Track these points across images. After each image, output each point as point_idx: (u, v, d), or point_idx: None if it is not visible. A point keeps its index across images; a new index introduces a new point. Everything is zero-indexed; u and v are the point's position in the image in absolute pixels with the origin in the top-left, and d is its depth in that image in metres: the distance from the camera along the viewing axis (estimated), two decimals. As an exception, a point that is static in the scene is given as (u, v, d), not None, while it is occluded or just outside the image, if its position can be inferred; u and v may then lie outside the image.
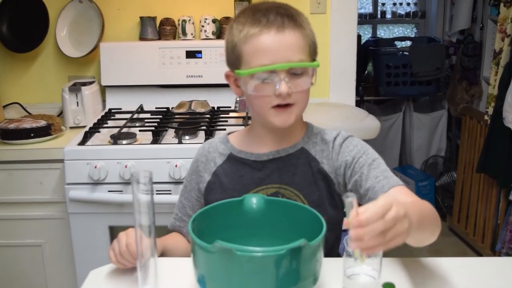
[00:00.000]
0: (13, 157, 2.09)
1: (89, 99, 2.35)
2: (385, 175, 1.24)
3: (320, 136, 1.32)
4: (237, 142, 1.34)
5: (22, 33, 2.49)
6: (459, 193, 3.35)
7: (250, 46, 1.18)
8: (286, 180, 1.27)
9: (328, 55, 2.54)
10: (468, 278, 1.17)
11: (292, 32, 1.18)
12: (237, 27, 1.22)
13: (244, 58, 1.20)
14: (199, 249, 0.95)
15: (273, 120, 1.21)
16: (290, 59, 1.16)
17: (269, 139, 1.29)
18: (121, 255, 1.14)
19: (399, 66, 3.62)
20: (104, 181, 1.99)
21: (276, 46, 1.17)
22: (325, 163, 1.29)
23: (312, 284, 0.98)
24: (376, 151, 1.32)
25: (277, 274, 0.91)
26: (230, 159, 1.31)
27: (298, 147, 1.30)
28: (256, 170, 1.28)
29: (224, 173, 1.30)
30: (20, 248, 2.18)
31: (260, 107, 1.21)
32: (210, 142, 1.38)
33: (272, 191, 1.27)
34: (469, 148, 3.24)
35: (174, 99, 2.45)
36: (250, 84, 1.20)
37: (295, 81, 1.18)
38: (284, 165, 1.28)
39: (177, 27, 2.50)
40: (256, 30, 1.18)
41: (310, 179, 1.28)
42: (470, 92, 3.37)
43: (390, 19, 4.46)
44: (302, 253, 0.92)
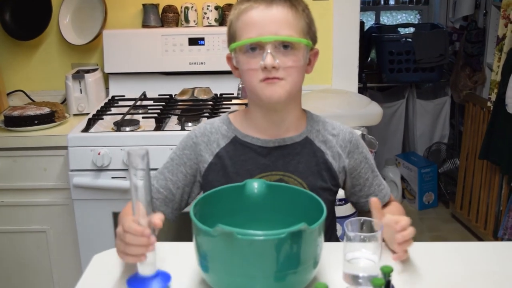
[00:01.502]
0: (17, 144, 2.11)
1: (92, 87, 2.35)
2: (383, 183, 1.40)
3: (322, 125, 1.34)
4: (240, 124, 1.33)
5: (25, 21, 2.49)
6: (461, 180, 3.36)
7: (241, 21, 1.22)
8: (291, 168, 1.29)
9: (331, 42, 2.54)
10: (467, 262, 1.18)
11: (281, 8, 1.20)
12: (234, 7, 1.26)
13: (237, 33, 1.23)
14: (200, 233, 0.97)
15: (261, 94, 1.21)
16: (276, 32, 1.18)
17: (266, 124, 1.29)
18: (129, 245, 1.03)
19: (402, 53, 3.61)
20: (108, 167, 2.01)
21: (263, 20, 1.19)
22: (329, 155, 1.31)
23: (312, 268, 0.99)
24: (379, 138, 1.39)
25: (278, 258, 0.92)
26: (234, 142, 1.31)
27: (303, 136, 1.31)
28: (261, 156, 1.29)
29: (227, 156, 1.30)
30: (25, 234, 2.20)
31: (249, 81, 1.22)
32: (211, 122, 1.37)
33: (276, 178, 1.28)
34: (472, 135, 3.24)
35: (177, 86, 2.46)
36: (240, 58, 1.23)
37: (284, 56, 1.19)
38: (289, 153, 1.29)
39: (179, 14, 2.50)
40: (247, 5, 1.22)
41: (314, 168, 1.30)
42: (473, 79, 3.36)
43: (394, 6, 4.45)
44: (303, 236, 0.93)
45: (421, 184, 3.59)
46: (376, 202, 1.15)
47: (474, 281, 1.09)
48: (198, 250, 1.00)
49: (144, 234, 0.99)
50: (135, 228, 0.99)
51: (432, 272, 1.13)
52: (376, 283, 0.83)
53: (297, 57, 1.21)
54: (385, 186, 1.40)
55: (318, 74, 2.56)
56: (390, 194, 1.42)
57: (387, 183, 3.51)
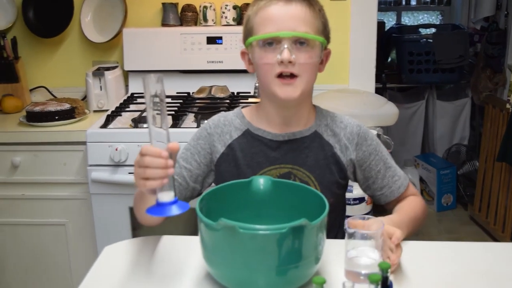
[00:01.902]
0: (38, 139, 2.16)
1: (112, 84, 2.40)
2: (398, 174, 1.38)
3: (330, 119, 1.37)
4: (252, 118, 1.36)
5: (48, 19, 2.56)
6: (480, 182, 3.34)
7: (260, 17, 1.25)
8: (299, 161, 1.32)
9: (348, 42, 2.55)
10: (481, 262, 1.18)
11: (299, 5, 1.23)
12: (253, 3, 1.29)
13: (254, 29, 1.26)
14: (204, 227, 1.00)
15: (277, 91, 1.24)
16: (294, 29, 1.21)
17: (278, 119, 1.32)
18: (149, 168, 1.02)
19: (422, 54, 3.60)
20: (125, 163, 2.05)
21: (282, 16, 1.22)
22: (337, 148, 1.34)
23: (314, 263, 1.01)
24: (398, 139, 1.40)
25: (279, 252, 0.95)
26: (246, 135, 1.34)
27: (312, 130, 1.34)
28: (270, 149, 1.32)
29: (239, 148, 1.33)
30: (45, 226, 2.25)
31: (265, 75, 1.25)
32: (224, 115, 1.40)
33: (285, 171, 1.31)
34: (491, 137, 3.22)
35: (194, 84, 2.49)
36: (256, 53, 1.25)
37: (299, 52, 1.22)
38: (298, 147, 1.32)
39: (198, 13, 2.54)
40: (266, 1, 1.25)
41: (323, 162, 1.32)
42: (493, 80, 3.34)
43: (415, 6, 4.43)
44: (304, 232, 0.95)
45: (440, 185, 3.58)
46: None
47: (472, 280, 1.10)
48: (202, 244, 1.03)
49: (162, 155, 1.00)
50: (153, 149, 1.00)
51: (430, 270, 1.14)
52: (373, 279, 0.85)
53: (312, 54, 1.24)
54: (400, 178, 1.38)
55: (335, 74, 2.57)
56: (409, 186, 1.40)
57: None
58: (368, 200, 2.40)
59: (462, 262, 1.18)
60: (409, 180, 1.41)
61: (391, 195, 1.37)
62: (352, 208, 2.38)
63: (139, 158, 1.02)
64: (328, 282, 0.96)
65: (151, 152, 1.00)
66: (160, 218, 1.24)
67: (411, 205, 1.35)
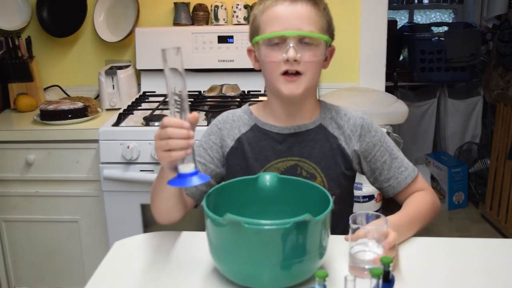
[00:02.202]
0: (52, 136, 2.19)
1: (124, 82, 2.43)
2: (405, 165, 1.39)
3: (335, 112, 1.40)
4: (259, 114, 1.41)
5: (61, 18, 2.59)
6: (492, 180, 3.33)
7: (266, 16, 1.28)
8: (305, 153, 1.35)
9: (359, 40, 2.56)
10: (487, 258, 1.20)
11: (305, 5, 1.27)
12: (259, 2, 1.32)
13: (261, 27, 1.29)
14: (211, 222, 1.02)
15: (282, 88, 1.28)
16: (300, 28, 1.25)
17: (284, 113, 1.36)
18: (171, 139, 1.04)
19: (434, 52, 3.60)
20: (137, 160, 2.08)
21: (287, 15, 1.25)
22: (342, 140, 1.37)
23: (318, 258, 1.03)
24: (410, 137, 1.41)
25: (284, 247, 0.97)
26: (254, 130, 1.38)
27: (317, 123, 1.37)
28: (277, 143, 1.36)
29: (247, 142, 1.37)
30: (58, 223, 2.29)
31: (270, 73, 1.29)
32: (232, 112, 1.45)
33: (292, 163, 1.35)
34: (503, 135, 3.21)
35: (205, 82, 2.52)
36: (263, 50, 1.29)
37: (304, 51, 1.26)
38: (304, 139, 1.36)
39: (209, 13, 2.56)
40: (272, 1, 1.28)
41: (328, 153, 1.36)
42: (505, 79, 3.34)
43: (427, 4, 4.42)
44: (308, 227, 0.97)
45: (451, 183, 3.57)
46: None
47: (475, 276, 1.12)
48: (209, 239, 1.05)
49: (184, 126, 1.03)
50: (174, 120, 1.03)
51: (432, 265, 1.16)
52: (375, 273, 0.87)
53: (316, 52, 1.28)
54: (407, 168, 1.39)
55: (345, 72, 2.59)
56: (418, 178, 1.41)
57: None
58: (377, 198, 2.41)
59: (466, 258, 1.19)
60: (418, 173, 1.41)
61: (398, 186, 1.38)
62: (361, 206, 2.39)
63: (161, 131, 1.05)
64: (332, 276, 0.99)
65: (173, 123, 1.03)
66: (179, 215, 1.28)
67: (416, 202, 1.36)
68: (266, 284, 1.02)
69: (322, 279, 0.86)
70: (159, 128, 1.07)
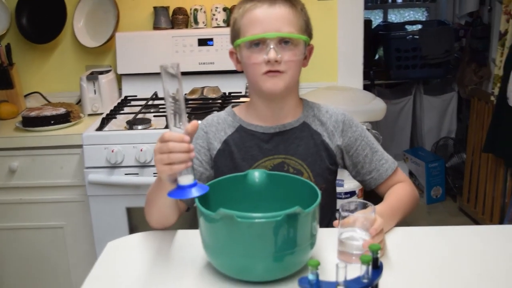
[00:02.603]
0: (35, 143, 2.20)
1: (105, 87, 2.45)
2: (385, 158, 1.45)
3: (317, 110, 1.46)
4: (243, 115, 1.45)
5: (41, 25, 2.60)
6: (468, 174, 3.41)
7: (246, 19, 1.33)
8: (291, 151, 1.40)
9: (336, 40, 2.61)
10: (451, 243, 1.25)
11: (283, 7, 1.31)
12: (238, 6, 1.37)
13: (241, 30, 1.34)
14: (204, 218, 1.05)
15: (264, 85, 1.33)
16: (279, 29, 1.30)
17: (268, 112, 1.40)
18: (173, 153, 1.07)
19: (409, 50, 3.68)
20: (121, 164, 2.10)
21: (267, 18, 1.30)
22: (326, 136, 1.42)
23: (308, 249, 1.07)
24: (387, 134, 1.47)
25: (276, 239, 1.00)
26: (239, 131, 1.42)
27: (300, 121, 1.42)
28: (263, 142, 1.40)
29: (233, 143, 1.41)
30: (43, 230, 2.29)
31: (253, 74, 1.33)
32: (217, 115, 1.49)
33: (279, 161, 1.39)
34: (478, 129, 3.29)
35: (187, 85, 2.54)
36: (244, 53, 1.33)
37: (285, 51, 1.31)
38: (289, 137, 1.40)
39: (189, 16, 2.59)
40: (251, 4, 1.33)
41: (313, 150, 1.41)
42: (479, 74, 3.42)
43: (401, 3, 4.50)
44: (298, 219, 1.01)
45: (429, 178, 3.65)
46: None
47: (459, 261, 1.17)
48: (202, 235, 1.08)
49: (184, 140, 1.07)
50: (176, 135, 1.07)
51: (418, 253, 1.20)
52: (364, 259, 0.91)
53: (296, 52, 1.33)
54: (387, 161, 1.45)
55: (324, 71, 2.64)
56: (398, 170, 1.47)
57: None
58: (358, 194, 2.46)
59: (449, 245, 1.24)
60: (397, 165, 1.47)
61: (379, 178, 1.44)
62: (343, 202, 2.44)
63: (161, 145, 1.08)
64: (323, 266, 1.02)
65: (174, 138, 1.07)
66: (173, 220, 1.31)
67: (397, 193, 1.41)
68: (259, 276, 1.06)
69: (315, 267, 0.89)
70: (158, 142, 1.10)
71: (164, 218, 1.31)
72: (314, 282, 0.90)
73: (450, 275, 1.11)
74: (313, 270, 0.89)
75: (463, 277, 1.10)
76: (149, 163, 2.08)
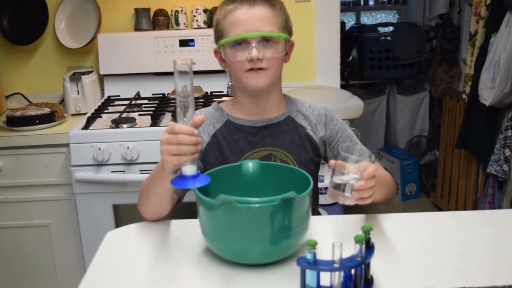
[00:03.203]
0: (20, 142, 2.22)
1: (89, 88, 2.48)
2: (364, 149, 1.47)
3: (300, 105, 1.54)
4: (230, 110, 1.52)
5: (22, 26, 2.61)
6: (441, 170, 3.52)
7: (228, 20, 1.41)
8: (277, 143, 1.47)
9: (314, 41, 2.69)
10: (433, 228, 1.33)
11: (262, 7, 1.39)
12: (220, 8, 1.45)
13: (224, 31, 1.42)
14: (204, 205, 1.11)
15: (247, 83, 1.41)
16: (260, 29, 1.38)
17: (253, 108, 1.48)
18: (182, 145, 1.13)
19: (382, 51, 3.78)
20: (108, 162, 2.13)
21: (247, 18, 1.38)
22: (309, 129, 1.50)
23: (302, 233, 1.14)
24: (362, 133, 1.53)
25: (272, 223, 1.07)
26: (227, 125, 1.50)
27: (285, 115, 1.51)
28: (251, 135, 1.48)
29: (222, 137, 1.48)
30: (28, 228, 2.31)
31: (236, 71, 1.41)
32: (205, 110, 1.56)
33: (266, 152, 1.46)
34: (450, 127, 3.41)
35: (169, 85, 2.59)
36: (228, 52, 1.41)
37: (266, 49, 1.39)
38: (275, 130, 1.48)
39: (170, 18, 2.64)
40: (232, 6, 1.41)
41: (298, 142, 1.49)
42: (450, 74, 3.54)
43: (373, 6, 4.61)
44: (293, 204, 1.07)
45: (403, 175, 3.75)
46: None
47: (442, 242, 1.25)
48: (201, 220, 1.14)
49: (194, 133, 1.12)
50: (186, 128, 1.12)
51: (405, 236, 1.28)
52: (358, 238, 0.98)
53: (277, 49, 1.41)
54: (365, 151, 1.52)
55: (303, 71, 2.71)
56: (375, 161, 1.53)
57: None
58: (339, 189, 2.53)
59: (436, 229, 1.32)
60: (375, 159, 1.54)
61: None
62: (323, 197, 2.51)
63: (171, 136, 1.13)
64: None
65: (185, 131, 1.12)
66: (167, 210, 1.36)
67: (381, 173, 1.44)
68: (257, 259, 1.12)
69: (312, 246, 0.96)
70: (166, 133, 1.15)
71: (159, 208, 1.35)
72: (312, 261, 0.96)
73: (433, 255, 1.19)
74: (310, 250, 0.96)
75: (445, 257, 1.18)
76: (136, 161, 2.13)
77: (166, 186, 1.26)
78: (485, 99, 2.65)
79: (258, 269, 1.12)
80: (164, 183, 1.24)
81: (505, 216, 1.43)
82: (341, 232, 1.32)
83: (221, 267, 1.14)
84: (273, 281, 1.09)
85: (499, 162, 2.63)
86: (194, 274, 1.15)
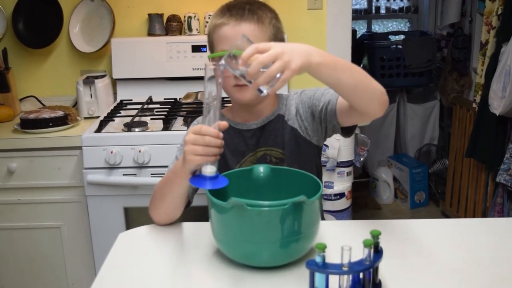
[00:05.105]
0: (33, 145, 2.25)
1: (101, 91, 2.51)
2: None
3: (286, 101, 1.56)
4: (230, 115, 1.56)
5: (37, 30, 2.66)
6: (450, 179, 3.53)
7: (216, 35, 1.44)
8: (270, 142, 1.51)
9: (325, 48, 2.70)
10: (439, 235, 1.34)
11: (248, 24, 1.41)
12: (211, 20, 1.48)
13: (214, 44, 1.46)
14: (215, 207, 1.13)
15: (233, 96, 1.46)
16: (245, 47, 1.35)
17: (246, 114, 1.52)
18: (207, 146, 1.17)
19: (393, 59, 3.79)
20: (119, 165, 2.16)
21: (233, 35, 1.39)
22: (290, 119, 1.51)
23: (312, 237, 1.15)
24: (372, 141, 1.54)
25: (283, 226, 1.08)
26: (229, 130, 1.49)
27: (275, 114, 1.53)
28: (248, 138, 1.52)
29: (224, 141, 1.49)
30: (40, 230, 2.34)
31: (225, 85, 1.44)
32: None
33: (261, 153, 1.51)
34: (460, 136, 3.41)
35: (181, 90, 2.62)
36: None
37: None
38: (267, 130, 1.52)
39: (183, 23, 2.67)
40: (220, 21, 1.43)
41: (286, 137, 1.51)
42: (460, 83, 3.54)
43: (384, 14, 4.63)
44: (303, 207, 1.09)
45: (413, 184, 3.75)
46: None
47: (444, 248, 1.26)
48: (213, 223, 1.16)
49: (219, 136, 1.17)
50: (213, 130, 1.17)
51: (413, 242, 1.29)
52: (367, 243, 0.99)
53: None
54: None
55: (312, 79, 2.71)
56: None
57: (380, 183, 3.62)
58: (348, 196, 2.55)
59: (444, 236, 1.33)
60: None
61: (332, 107, 1.43)
62: (333, 204, 2.53)
63: (197, 137, 1.17)
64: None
65: (211, 133, 1.17)
66: (179, 213, 1.39)
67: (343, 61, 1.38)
68: (266, 262, 1.14)
69: (322, 250, 0.97)
70: (192, 134, 1.18)
71: (173, 209, 1.38)
72: (321, 264, 0.98)
73: (440, 261, 1.20)
74: (320, 253, 0.97)
75: (452, 263, 1.19)
76: (147, 164, 2.15)
77: (184, 186, 1.30)
78: (495, 108, 2.66)
79: (268, 272, 1.14)
80: (182, 182, 1.27)
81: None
82: (350, 236, 1.33)
83: (231, 269, 1.16)
84: (282, 284, 1.11)
85: (509, 172, 2.64)
86: (204, 276, 1.17)
